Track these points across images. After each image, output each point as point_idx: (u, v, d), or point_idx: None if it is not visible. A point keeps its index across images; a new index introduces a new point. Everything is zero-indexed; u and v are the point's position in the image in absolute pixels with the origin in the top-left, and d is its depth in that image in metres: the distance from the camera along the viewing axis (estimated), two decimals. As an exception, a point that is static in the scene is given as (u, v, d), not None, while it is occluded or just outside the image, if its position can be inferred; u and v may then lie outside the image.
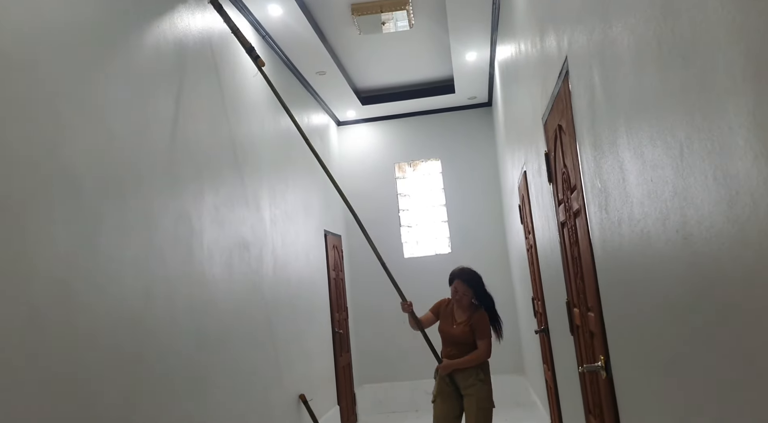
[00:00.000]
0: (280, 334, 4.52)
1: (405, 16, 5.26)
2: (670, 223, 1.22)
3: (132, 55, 2.80)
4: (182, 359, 2.92)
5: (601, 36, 1.63)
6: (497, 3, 4.75)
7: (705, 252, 1.06)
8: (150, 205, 2.77)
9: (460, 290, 3.64)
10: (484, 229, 7.38)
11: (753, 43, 0.82)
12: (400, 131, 7.82)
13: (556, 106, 2.49)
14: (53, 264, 2.06)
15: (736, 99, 0.87)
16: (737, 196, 0.90)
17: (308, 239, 5.64)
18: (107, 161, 2.47)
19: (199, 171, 3.37)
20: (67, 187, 2.19)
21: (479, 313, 3.63)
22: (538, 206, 3.61)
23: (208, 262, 3.33)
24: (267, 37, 4.96)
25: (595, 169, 1.87)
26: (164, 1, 3.19)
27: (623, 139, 1.51)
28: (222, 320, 3.45)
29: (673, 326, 1.31)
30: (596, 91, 1.75)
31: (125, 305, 2.47)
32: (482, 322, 3.60)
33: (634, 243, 1.53)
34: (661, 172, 1.24)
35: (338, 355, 6.19)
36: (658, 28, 1.18)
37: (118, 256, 2.46)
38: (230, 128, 3.96)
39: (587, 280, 2.21)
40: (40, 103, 2.11)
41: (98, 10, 2.57)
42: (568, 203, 2.47)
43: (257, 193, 4.34)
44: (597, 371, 2.12)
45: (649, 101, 1.29)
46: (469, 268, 3.74)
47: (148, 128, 2.85)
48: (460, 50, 5.90)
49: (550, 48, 2.52)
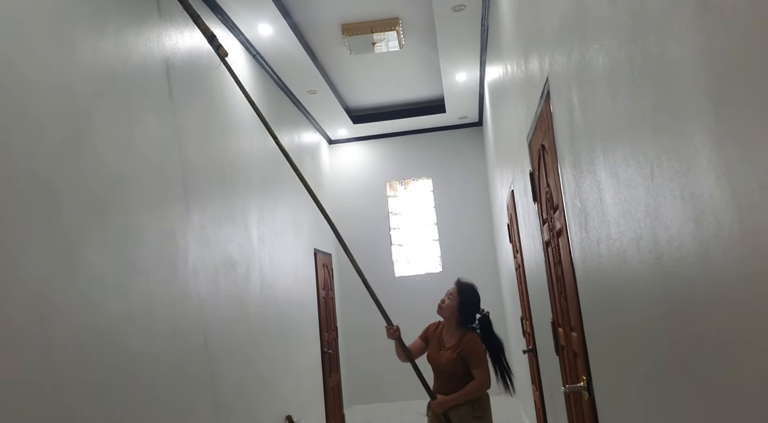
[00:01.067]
0: (267, 353, 4.47)
1: (395, 36, 5.32)
2: (643, 243, 1.22)
3: (118, 72, 2.80)
4: (165, 379, 2.88)
5: (578, 57, 1.65)
6: (486, 25, 4.81)
7: (675, 272, 1.06)
8: (134, 223, 2.75)
9: (449, 294, 3.18)
10: (474, 248, 7.38)
11: (714, 64, 0.82)
12: (392, 150, 7.85)
13: (539, 126, 2.51)
14: (32, 284, 2.04)
15: (700, 119, 0.88)
16: (703, 216, 0.90)
17: (297, 258, 5.62)
18: (90, 179, 2.46)
19: (186, 189, 3.36)
20: (47, 206, 2.17)
21: (469, 336, 3.07)
22: (525, 225, 3.61)
23: (193, 280, 3.30)
24: (257, 57, 4.99)
25: (575, 188, 1.88)
26: (152, 20, 3.21)
27: (600, 159, 1.52)
28: (206, 339, 3.42)
29: (648, 347, 1.30)
30: (575, 111, 1.77)
31: (105, 325, 2.44)
32: (474, 348, 3.03)
33: (611, 262, 1.53)
34: (634, 191, 1.25)
35: (327, 375, 6.12)
36: (629, 50, 1.19)
37: (99, 275, 2.43)
38: (218, 146, 3.96)
39: (570, 300, 2.20)
40: (20, 119, 2.10)
41: (84, 27, 2.58)
42: (551, 222, 2.47)
43: (245, 212, 4.32)
44: (580, 392, 2.10)
45: (622, 121, 1.29)
46: (469, 280, 3.26)
47: (133, 146, 2.84)
48: (450, 70, 5.95)
49: (533, 69, 2.54)
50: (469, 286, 3.20)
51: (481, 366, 3.02)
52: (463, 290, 3.16)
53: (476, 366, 3.01)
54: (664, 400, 1.24)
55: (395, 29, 5.20)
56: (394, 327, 3.30)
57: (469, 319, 3.16)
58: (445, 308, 3.16)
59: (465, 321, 3.14)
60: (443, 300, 3.19)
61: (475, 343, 3.05)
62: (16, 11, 2.15)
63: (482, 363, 3.03)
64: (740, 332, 0.83)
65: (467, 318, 3.14)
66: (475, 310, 3.17)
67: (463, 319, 3.13)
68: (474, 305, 3.17)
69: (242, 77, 4.64)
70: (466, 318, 3.14)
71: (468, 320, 3.15)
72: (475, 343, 3.05)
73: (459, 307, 3.12)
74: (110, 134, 2.65)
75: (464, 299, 3.14)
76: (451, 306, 3.13)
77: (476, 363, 3.01)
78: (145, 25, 3.12)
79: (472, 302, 3.16)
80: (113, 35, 2.80)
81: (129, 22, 2.96)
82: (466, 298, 3.14)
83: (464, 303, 3.13)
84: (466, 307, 3.14)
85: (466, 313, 3.14)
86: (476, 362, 3.01)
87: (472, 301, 3.16)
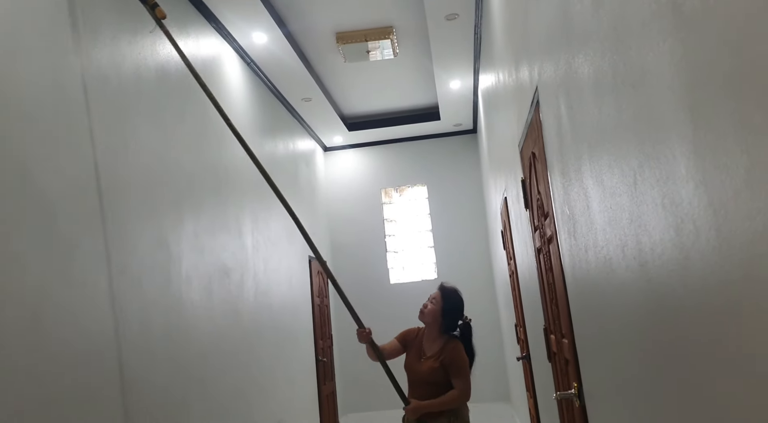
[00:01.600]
0: (262, 361, 4.46)
1: (390, 44, 5.35)
2: (628, 250, 1.24)
3: (112, 79, 2.81)
4: (158, 387, 2.87)
5: (565, 67, 1.67)
6: (479, 33, 4.84)
7: (659, 279, 1.07)
8: (127, 231, 2.76)
9: (432, 298, 3.04)
10: (469, 255, 7.39)
11: (690, 74, 0.84)
12: (387, 157, 7.88)
13: (530, 134, 2.53)
14: (24, 291, 2.04)
15: (678, 129, 0.90)
16: (683, 224, 0.92)
17: (291, 265, 5.62)
18: (84, 187, 2.47)
19: (180, 197, 3.36)
20: (41, 214, 2.17)
21: (452, 344, 2.93)
22: (517, 232, 3.63)
23: (186, 288, 3.31)
24: (252, 64, 5.01)
25: (564, 195, 1.90)
26: (146, 28, 3.22)
27: (587, 167, 1.54)
28: (200, 347, 3.41)
29: (635, 354, 1.31)
30: (563, 119, 1.79)
31: (98, 332, 2.43)
32: (457, 357, 2.88)
33: (599, 269, 1.54)
34: (618, 199, 1.26)
35: (322, 383, 6.11)
36: (612, 60, 1.21)
37: (92, 283, 2.43)
38: (212, 154, 3.97)
39: (561, 307, 2.21)
40: (13, 126, 2.11)
41: (79, 35, 2.59)
42: (542, 229, 2.49)
43: (239, 219, 4.33)
44: (571, 399, 2.11)
45: (607, 130, 1.31)
46: (454, 285, 3.14)
47: (126, 153, 2.85)
48: (444, 78, 5.99)
49: (523, 78, 2.57)
50: (453, 291, 3.05)
51: (463, 376, 2.86)
52: (446, 294, 3.01)
53: (458, 376, 2.86)
54: (651, 406, 1.25)
55: (389, 38, 5.24)
56: (366, 329, 3.10)
57: (452, 325, 3.00)
58: (427, 313, 3.00)
59: (448, 327, 2.99)
60: (425, 305, 3.04)
61: (459, 352, 2.90)
62: (10, 18, 2.16)
63: (465, 373, 2.88)
64: (718, 338, 0.84)
65: (450, 324, 2.99)
66: (458, 316, 3.01)
67: (446, 325, 2.98)
68: (457, 311, 3.01)
69: (237, 85, 4.66)
70: (449, 324, 2.98)
71: (451, 327, 3.00)
72: (459, 352, 2.90)
73: (442, 313, 2.97)
74: (104, 142, 2.66)
75: (448, 304, 2.99)
76: (434, 311, 2.98)
77: (458, 373, 2.86)
78: (139, 33, 3.14)
79: (456, 308, 3.00)
80: (108, 43, 2.82)
81: (123, 30, 2.97)
82: (449, 303, 2.99)
83: (448, 308, 2.97)
84: (450, 312, 2.98)
85: (450, 319, 2.98)
86: (458, 372, 2.86)
87: (456, 307, 3.00)
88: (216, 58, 4.28)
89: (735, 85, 0.72)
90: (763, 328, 0.71)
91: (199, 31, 3.99)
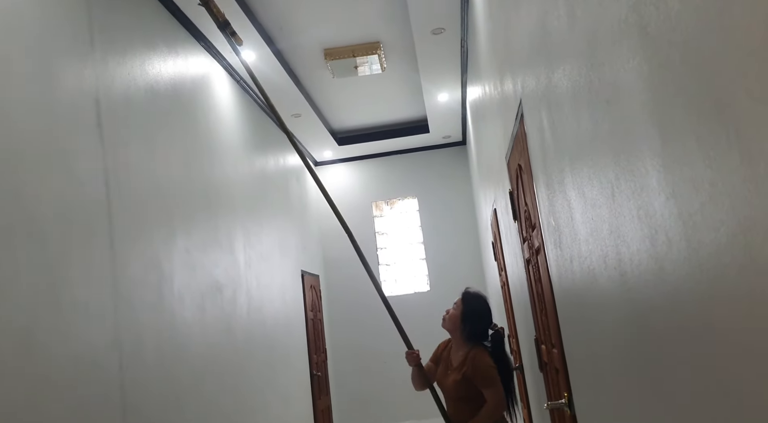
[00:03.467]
0: (255, 377, 4.45)
1: (377, 59, 5.40)
2: (609, 261, 1.26)
3: (101, 100, 2.83)
4: (151, 407, 2.86)
5: (546, 81, 1.71)
6: (465, 47, 4.90)
7: (637, 289, 1.10)
8: (118, 250, 2.76)
9: (455, 304, 2.88)
10: (462, 267, 7.41)
11: (657, 92, 0.87)
12: (377, 170, 7.91)
13: (515, 146, 2.56)
14: (14, 313, 2.04)
15: (648, 143, 0.93)
16: (656, 235, 0.95)
17: (284, 280, 5.62)
18: (73, 207, 2.48)
19: (170, 215, 3.37)
20: (30, 234, 2.18)
21: (475, 351, 2.69)
22: (507, 243, 3.66)
23: (179, 306, 3.31)
24: (241, 82, 5.05)
25: (549, 207, 1.92)
26: (135, 49, 3.25)
27: (569, 179, 1.57)
28: (194, 365, 3.40)
29: (619, 364, 1.33)
30: (546, 132, 1.82)
31: (90, 353, 2.43)
32: (481, 365, 2.64)
33: (584, 279, 1.57)
34: (599, 210, 1.29)
35: (317, 398, 6.09)
36: (587, 75, 1.24)
37: (83, 303, 2.43)
38: (203, 171, 3.99)
39: (550, 317, 2.23)
40: (3, 149, 2.12)
41: (67, 57, 2.61)
42: (530, 241, 2.51)
43: (231, 235, 4.34)
44: (562, 408, 2.13)
45: (585, 143, 1.34)
46: (478, 290, 2.96)
47: (116, 173, 2.86)
48: (432, 91, 6.05)
49: (508, 91, 2.61)
50: (476, 295, 2.88)
51: (491, 385, 2.62)
52: (467, 298, 2.84)
53: (486, 385, 2.62)
54: (638, 415, 1.27)
55: (377, 53, 5.29)
56: (415, 351, 2.85)
57: (477, 332, 2.79)
58: (448, 319, 2.84)
59: (472, 335, 2.77)
60: (447, 311, 2.88)
61: (482, 359, 2.66)
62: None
63: (493, 381, 2.63)
64: (693, 349, 0.87)
65: (474, 331, 2.78)
66: (482, 322, 2.80)
67: (468, 331, 2.77)
68: (480, 316, 2.80)
69: (226, 102, 4.69)
70: (472, 331, 2.77)
71: (475, 334, 2.78)
72: (482, 359, 2.66)
73: (462, 317, 2.78)
74: (93, 162, 2.67)
75: (468, 308, 2.80)
76: (454, 316, 2.80)
77: (485, 382, 2.62)
78: (128, 53, 3.16)
79: (478, 312, 2.80)
80: (97, 64, 2.84)
81: (112, 50, 3.00)
82: (470, 308, 2.81)
83: (468, 313, 2.79)
84: (471, 317, 2.78)
85: (472, 325, 2.77)
86: (485, 381, 2.62)
87: (477, 311, 2.80)
88: (205, 77, 4.31)
89: (696, 102, 0.75)
90: (731, 339, 0.73)
91: (188, 50, 4.03)
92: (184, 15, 3.92)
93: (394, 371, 6.86)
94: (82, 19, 2.78)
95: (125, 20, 3.19)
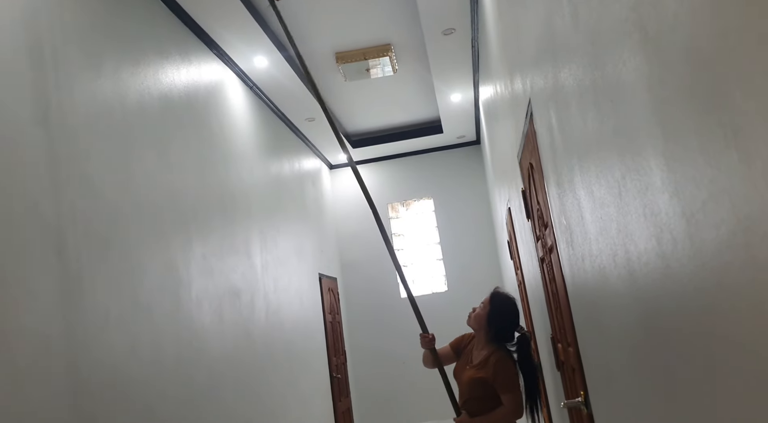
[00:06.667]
0: (275, 380, 4.48)
1: (389, 61, 5.42)
2: (618, 259, 1.26)
3: (116, 111, 2.88)
4: (171, 412, 2.90)
5: (553, 80, 1.71)
6: (476, 47, 4.90)
7: (646, 287, 1.10)
8: (135, 258, 2.81)
9: (482, 303, 2.84)
10: (479, 266, 7.39)
11: (658, 91, 0.87)
12: (392, 172, 7.92)
13: (526, 145, 2.56)
14: (35, 322, 2.08)
15: (651, 141, 0.93)
16: (662, 234, 0.94)
17: (302, 283, 5.65)
18: (90, 217, 2.52)
19: (186, 222, 3.42)
20: (48, 245, 2.23)
21: (498, 355, 2.65)
22: (522, 242, 3.65)
23: (197, 311, 3.35)
24: (254, 88, 5.09)
25: (560, 206, 1.92)
26: (148, 59, 3.30)
27: (578, 178, 1.56)
28: (213, 369, 3.44)
29: (631, 361, 1.33)
30: (554, 131, 1.82)
31: (109, 360, 2.48)
32: (502, 371, 2.60)
33: (595, 278, 1.56)
34: (607, 209, 1.29)
35: (337, 400, 6.11)
36: (592, 74, 1.24)
37: (102, 311, 2.48)
38: (218, 177, 4.03)
39: (564, 316, 2.22)
40: (18, 163, 2.17)
41: (81, 69, 2.66)
42: (544, 239, 2.51)
43: (248, 240, 4.38)
44: (578, 407, 2.12)
45: (592, 142, 1.34)
46: (506, 291, 2.93)
47: (133, 182, 2.91)
48: (445, 92, 6.04)
49: (517, 90, 2.61)
50: (504, 296, 2.82)
51: (510, 391, 2.58)
52: (495, 299, 2.79)
53: (505, 391, 2.58)
54: (652, 412, 1.26)
55: (388, 55, 5.31)
56: (429, 335, 2.96)
57: (503, 334, 2.73)
58: (473, 318, 2.80)
59: (496, 336, 2.72)
60: (474, 309, 2.85)
61: (504, 364, 2.63)
62: (10, 55, 2.23)
63: (512, 387, 2.59)
64: (700, 346, 0.86)
65: (499, 333, 2.72)
66: (508, 325, 2.74)
67: (493, 333, 2.72)
68: (506, 319, 2.74)
69: (240, 109, 4.74)
70: (497, 332, 2.72)
71: (500, 336, 2.73)
72: (504, 364, 2.63)
73: (488, 319, 2.73)
74: (109, 172, 2.72)
75: (494, 310, 2.74)
76: (480, 316, 2.77)
77: (505, 387, 2.58)
78: (141, 64, 3.22)
79: (504, 315, 2.73)
80: (110, 76, 2.89)
81: (125, 61, 3.05)
82: (496, 309, 2.74)
83: (494, 314, 2.73)
84: (496, 319, 2.72)
85: (497, 327, 2.72)
86: (505, 386, 2.58)
87: (504, 314, 2.74)
88: (219, 84, 4.36)
89: (695, 101, 0.75)
90: (736, 339, 0.73)
91: (201, 58, 4.08)
92: (196, 23, 3.97)
93: (413, 372, 6.86)
94: (94, 31, 2.83)
95: (137, 30, 3.24)
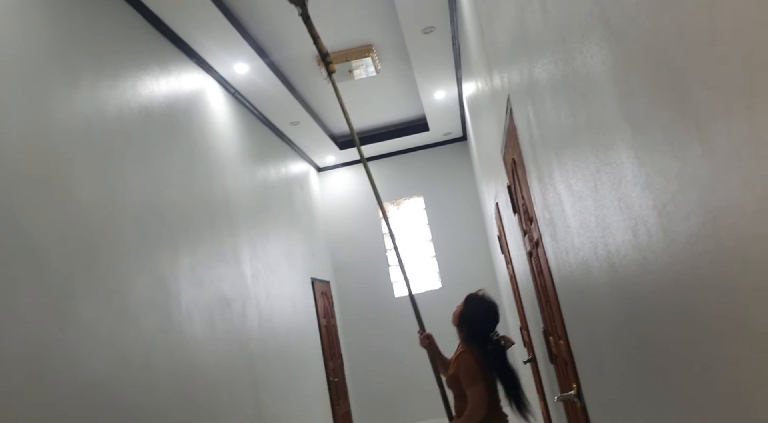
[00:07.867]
0: (271, 388, 4.47)
1: (371, 62, 5.41)
2: (599, 252, 1.26)
3: (95, 125, 2.85)
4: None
5: (528, 76, 1.71)
6: (457, 44, 4.90)
7: (626, 279, 1.10)
8: (122, 272, 2.79)
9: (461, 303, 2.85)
10: (472, 262, 7.40)
11: (624, 84, 0.87)
12: (381, 171, 7.91)
13: (509, 141, 2.56)
14: (20, 342, 2.06)
15: (621, 135, 0.93)
16: (637, 226, 0.94)
17: (294, 289, 5.63)
18: (75, 233, 2.50)
19: (173, 233, 3.39)
20: (31, 262, 2.20)
21: (462, 350, 2.71)
22: (511, 237, 3.65)
23: (187, 323, 3.33)
24: (236, 94, 5.07)
25: (543, 200, 1.92)
26: (125, 71, 3.27)
27: (557, 172, 1.56)
28: (206, 381, 3.42)
29: (617, 352, 1.33)
30: (533, 126, 1.82)
31: (100, 376, 2.45)
32: (463, 364, 2.62)
33: (579, 271, 1.56)
34: (585, 203, 1.29)
35: (336, 403, 6.09)
36: (564, 69, 1.24)
37: (90, 327, 2.45)
38: (204, 186, 4.01)
39: (554, 309, 2.23)
40: (1, 179, 2.14)
41: (58, 85, 2.64)
42: (530, 234, 2.51)
43: (236, 249, 4.36)
44: (572, 400, 2.12)
45: (567, 136, 1.34)
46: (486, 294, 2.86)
47: (116, 195, 2.89)
48: (429, 89, 6.04)
49: (497, 86, 2.61)
50: (478, 298, 2.80)
51: (471, 384, 2.58)
52: (470, 300, 2.80)
53: (467, 385, 2.59)
54: (640, 405, 1.26)
55: (370, 55, 5.30)
56: (426, 334, 2.91)
57: (473, 335, 2.72)
58: (453, 315, 2.84)
59: (468, 337, 2.73)
60: (457, 307, 2.86)
61: (464, 358, 2.64)
62: (-12, 78, 2.21)
63: (473, 381, 2.59)
64: (677, 337, 0.86)
65: (470, 333, 2.72)
66: (478, 326, 2.72)
67: (465, 333, 2.74)
68: (474, 319, 2.73)
69: (222, 116, 4.72)
70: (468, 333, 2.73)
71: (473, 336, 2.72)
72: (464, 358, 2.64)
73: (460, 318, 2.76)
74: (91, 186, 2.70)
75: (467, 310, 2.76)
76: (455, 314, 2.82)
77: (466, 381, 2.60)
78: (119, 76, 3.19)
79: (476, 316, 2.73)
80: (88, 89, 2.86)
81: (102, 74, 3.02)
82: (467, 309, 2.77)
83: (466, 315, 2.75)
84: (466, 319, 2.74)
85: (468, 328, 2.73)
86: (466, 380, 2.59)
87: (476, 316, 2.74)
88: (199, 92, 4.34)
89: (659, 93, 0.75)
90: (709, 328, 0.73)
91: (180, 67, 4.05)
92: (174, 33, 3.94)
93: (411, 371, 6.86)
94: (70, 47, 2.80)
95: (114, 43, 3.22)
